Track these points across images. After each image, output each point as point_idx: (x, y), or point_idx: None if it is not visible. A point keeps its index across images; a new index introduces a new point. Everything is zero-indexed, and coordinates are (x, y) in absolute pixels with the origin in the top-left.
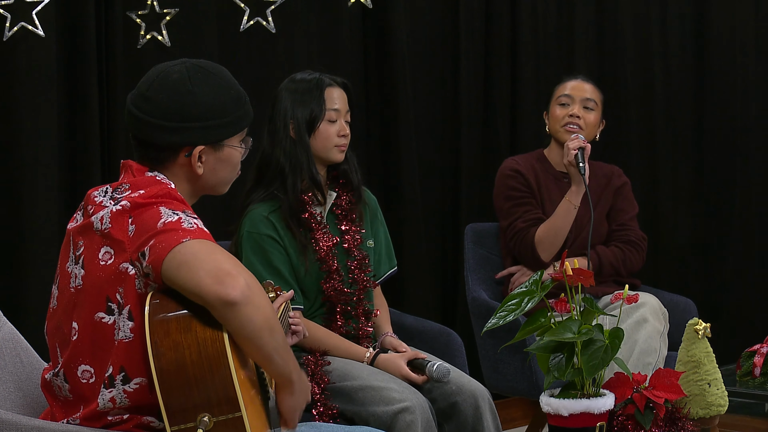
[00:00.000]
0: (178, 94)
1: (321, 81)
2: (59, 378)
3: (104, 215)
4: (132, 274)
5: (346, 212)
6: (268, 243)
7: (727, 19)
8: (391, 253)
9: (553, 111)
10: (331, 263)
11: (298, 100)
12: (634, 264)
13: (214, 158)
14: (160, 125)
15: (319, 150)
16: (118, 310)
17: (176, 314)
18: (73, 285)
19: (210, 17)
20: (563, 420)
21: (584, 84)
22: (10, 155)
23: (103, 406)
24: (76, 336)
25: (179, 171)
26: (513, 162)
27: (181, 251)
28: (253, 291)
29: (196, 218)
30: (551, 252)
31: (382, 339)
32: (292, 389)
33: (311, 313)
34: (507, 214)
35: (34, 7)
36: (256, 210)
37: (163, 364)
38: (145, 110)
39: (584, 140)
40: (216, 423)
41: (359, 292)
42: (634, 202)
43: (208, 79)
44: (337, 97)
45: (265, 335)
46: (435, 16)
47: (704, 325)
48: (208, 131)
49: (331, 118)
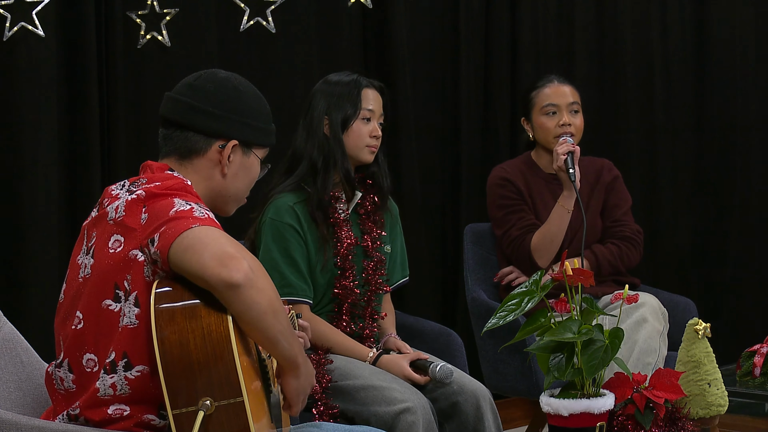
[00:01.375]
0: (226, 88)
1: (359, 81)
2: (62, 368)
3: (119, 204)
4: (141, 260)
5: (369, 214)
6: (289, 232)
7: (727, 19)
8: (405, 263)
9: (539, 121)
10: (347, 261)
11: (335, 98)
12: (632, 259)
13: (240, 161)
14: (207, 110)
15: (351, 148)
16: (125, 296)
17: (182, 301)
18: (81, 275)
19: (210, 17)
20: (563, 420)
21: (564, 87)
22: (10, 155)
23: (104, 392)
24: (82, 324)
25: (204, 166)
26: (501, 170)
27: (189, 236)
28: (256, 274)
29: (208, 211)
30: (548, 258)
31: (386, 340)
32: (297, 372)
33: (319, 308)
34: (501, 222)
35: (34, 7)
36: (282, 199)
37: (167, 347)
38: (192, 96)
39: (573, 143)
40: (217, 407)
41: (370, 293)
42: (626, 194)
43: (251, 87)
44: (373, 99)
45: (269, 318)
46: (435, 16)
47: (704, 325)
48: (247, 129)
49: (365, 116)
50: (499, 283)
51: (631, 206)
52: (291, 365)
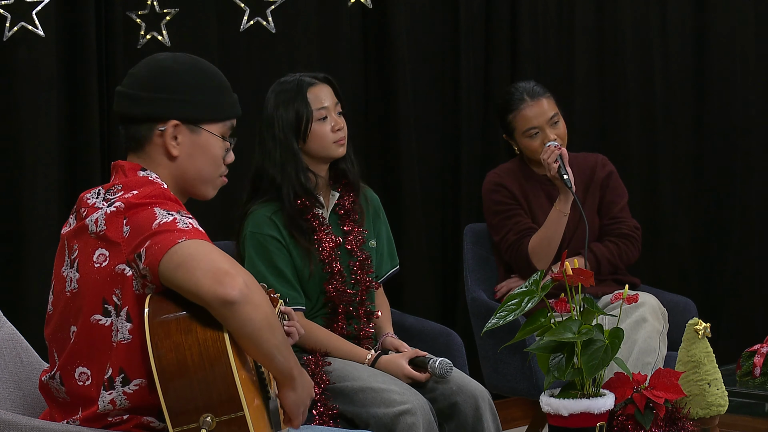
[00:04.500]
0: (158, 69)
1: (301, 83)
2: (55, 381)
3: (99, 217)
4: (129, 275)
5: (348, 212)
6: (272, 243)
7: (727, 19)
8: (393, 251)
9: (524, 143)
10: (333, 264)
11: (281, 106)
12: (631, 256)
13: (191, 141)
14: (141, 96)
15: (318, 150)
16: (116, 311)
17: (176, 315)
18: (68, 289)
19: (210, 17)
20: (563, 420)
21: (539, 102)
22: (10, 155)
23: (103, 408)
24: (73, 339)
25: (156, 153)
26: (495, 176)
27: (178, 252)
28: (251, 289)
29: (191, 218)
30: (546, 261)
31: (383, 340)
32: (294, 385)
33: (313, 313)
34: (498, 228)
35: (34, 7)
36: (259, 211)
37: (165, 365)
38: (129, 85)
39: (558, 146)
40: (218, 423)
41: (361, 293)
42: (622, 189)
43: (196, 63)
44: (322, 94)
45: (266, 333)
46: (435, 16)
47: (704, 325)
48: (187, 106)
49: (320, 116)
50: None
51: (627, 201)
52: (287, 378)
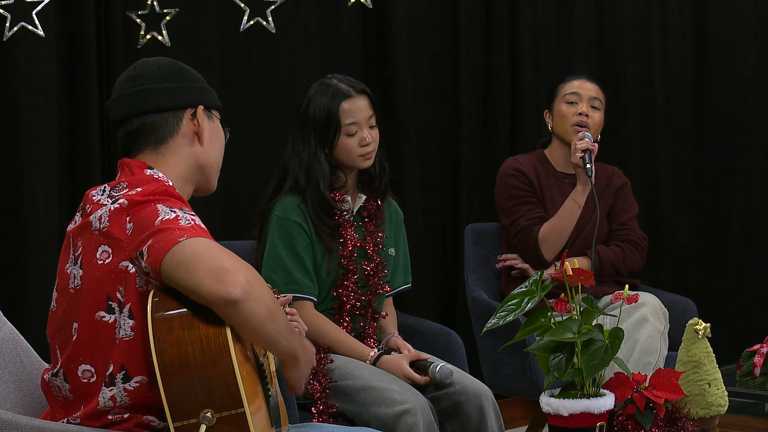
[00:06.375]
0: (165, 64)
1: (337, 92)
2: (59, 378)
3: (102, 214)
4: (132, 272)
5: (372, 216)
6: (296, 230)
7: (727, 19)
8: (408, 269)
9: (559, 109)
10: (350, 263)
11: (315, 111)
12: (635, 263)
13: (209, 127)
14: (164, 87)
15: (344, 161)
16: (119, 308)
17: (179, 311)
18: (72, 286)
19: (210, 17)
20: (563, 420)
21: (589, 83)
22: (10, 155)
23: (104, 404)
24: (76, 336)
25: (182, 144)
26: (515, 161)
27: (179, 251)
28: (253, 285)
29: (193, 215)
30: (554, 251)
31: (387, 339)
32: (297, 364)
33: (321, 307)
34: (509, 212)
35: (34, 7)
36: (289, 198)
37: (166, 360)
38: (142, 83)
39: (591, 141)
40: (219, 419)
41: (370, 294)
42: (634, 202)
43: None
44: (355, 108)
45: (269, 324)
46: (435, 16)
47: (704, 325)
48: (205, 93)
49: (350, 132)
50: (499, 275)
51: (636, 214)
52: (292, 359)
